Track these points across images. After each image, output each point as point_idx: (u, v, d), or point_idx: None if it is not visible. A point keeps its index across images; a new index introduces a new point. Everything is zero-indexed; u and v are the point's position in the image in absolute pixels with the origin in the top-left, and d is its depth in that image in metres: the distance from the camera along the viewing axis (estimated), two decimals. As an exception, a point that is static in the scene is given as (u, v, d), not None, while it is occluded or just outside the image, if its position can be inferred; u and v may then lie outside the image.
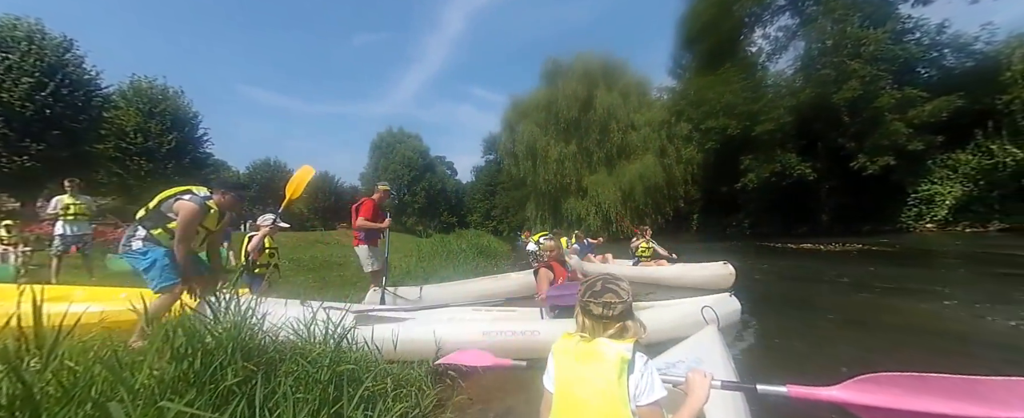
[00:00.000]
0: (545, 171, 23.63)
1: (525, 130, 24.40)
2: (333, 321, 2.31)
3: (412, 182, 42.25)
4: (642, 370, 1.12)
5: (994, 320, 3.67)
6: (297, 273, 7.16)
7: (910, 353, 3.05)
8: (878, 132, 15.44)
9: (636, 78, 24.75)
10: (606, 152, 23.01)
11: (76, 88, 16.02)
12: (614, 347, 1.13)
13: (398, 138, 43.67)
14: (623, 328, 1.17)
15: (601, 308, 1.18)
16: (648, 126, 22.56)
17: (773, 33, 20.33)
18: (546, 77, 24.96)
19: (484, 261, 9.46)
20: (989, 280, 5.64)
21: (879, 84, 15.47)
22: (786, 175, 17.77)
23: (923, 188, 15.25)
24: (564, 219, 23.59)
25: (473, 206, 45.04)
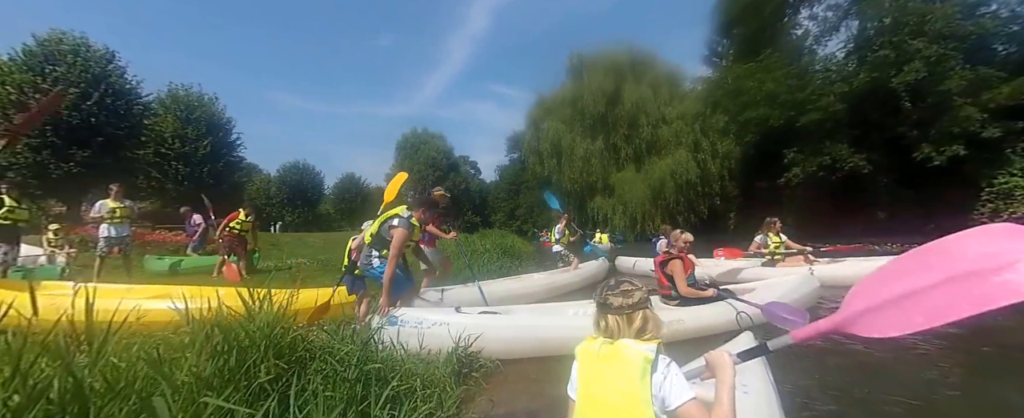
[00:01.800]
0: (570, 169, 22.98)
1: (550, 127, 23.82)
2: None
3: (437, 182, 42.55)
4: (664, 371, 1.12)
5: None
6: (324, 274, 6.98)
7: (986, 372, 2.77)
8: (946, 118, 13.84)
9: (666, 69, 23.64)
10: (634, 148, 22.08)
11: (118, 97, 16.81)
12: (637, 348, 1.15)
13: (422, 138, 44.00)
14: (644, 319, 1.21)
15: (620, 298, 1.23)
16: (680, 120, 21.42)
17: (822, 13, 18.66)
18: (571, 72, 24.25)
19: (509, 261, 9.24)
20: None
21: (947, 64, 13.82)
22: (836, 168, 16.29)
23: (1000, 180, 13.57)
24: (590, 219, 22.83)
25: (497, 206, 44.74)
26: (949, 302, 1.02)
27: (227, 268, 6.57)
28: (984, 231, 1.10)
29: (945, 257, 1.10)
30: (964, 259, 1.06)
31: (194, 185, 19.16)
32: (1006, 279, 0.95)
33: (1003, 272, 0.96)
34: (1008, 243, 1.01)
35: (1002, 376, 2.75)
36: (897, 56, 14.39)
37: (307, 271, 7.14)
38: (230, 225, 6.85)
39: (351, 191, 41.63)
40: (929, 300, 1.06)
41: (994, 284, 0.97)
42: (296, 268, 7.34)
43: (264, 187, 38.87)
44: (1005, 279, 0.95)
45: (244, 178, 28.00)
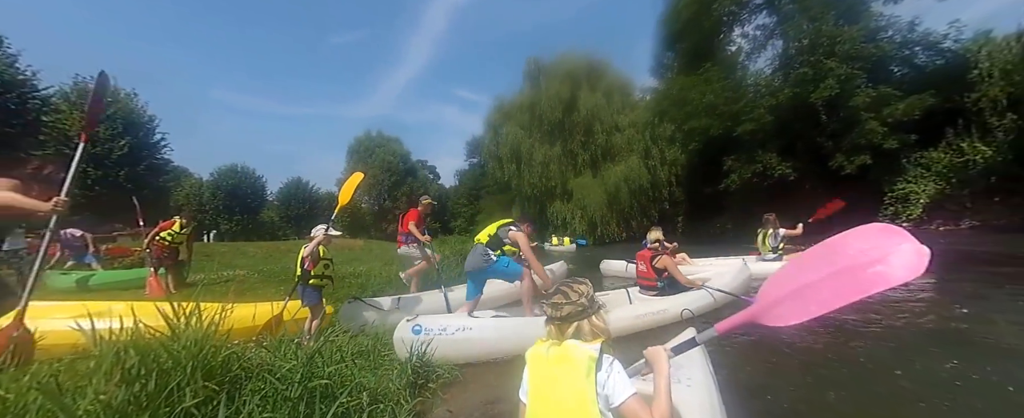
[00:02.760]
0: (530, 174, 23.28)
1: (509, 132, 24.02)
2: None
3: (393, 187, 41.23)
4: (608, 369, 1.17)
5: (971, 313, 3.77)
6: (266, 286, 6.48)
7: (909, 354, 3.02)
8: (855, 131, 15.64)
9: (619, 78, 24.73)
10: (591, 154, 22.84)
11: (7, 89, 14.62)
12: (582, 348, 1.20)
13: (377, 141, 42.66)
14: (578, 329, 1.25)
15: (550, 309, 1.28)
16: (632, 127, 22.49)
17: (751, 32, 20.51)
18: (529, 78, 24.67)
19: None
20: (968, 278, 5.69)
21: (855, 83, 15.66)
22: (767, 176, 17.86)
23: (898, 187, 15.53)
24: (550, 223, 23.22)
25: (457, 211, 44.27)
26: (836, 292, 1.20)
27: (150, 282, 5.90)
28: (862, 230, 1.28)
29: (832, 254, 1.29)
30: (846, 255, 1.24)
31: (109, 190, 17.07)
32: (878, 270, 1.15)
33: (876, 265, 1.16)
34: (879, 240, 1.20)
35: (925, 356, 3.04)
36: (814, 74, 16.07)
37: (247, 283, 6.61)
38: (161, 235, 6.19)
39: (298, 197, 38.94)
40: (821, 291, 1.23)
41: (869, 274, 1.16)
42: (233, 280, 6.77)
43: (195, 192, 35.42)
44: (877, 270, 1.15)
45: (171, 182, 25.38)
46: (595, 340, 1.24)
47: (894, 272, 1.12)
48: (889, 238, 1.18)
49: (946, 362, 2.85)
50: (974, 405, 2.27)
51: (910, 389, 2.51)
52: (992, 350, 3.07)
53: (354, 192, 4.70)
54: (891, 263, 1.13)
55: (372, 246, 18.34)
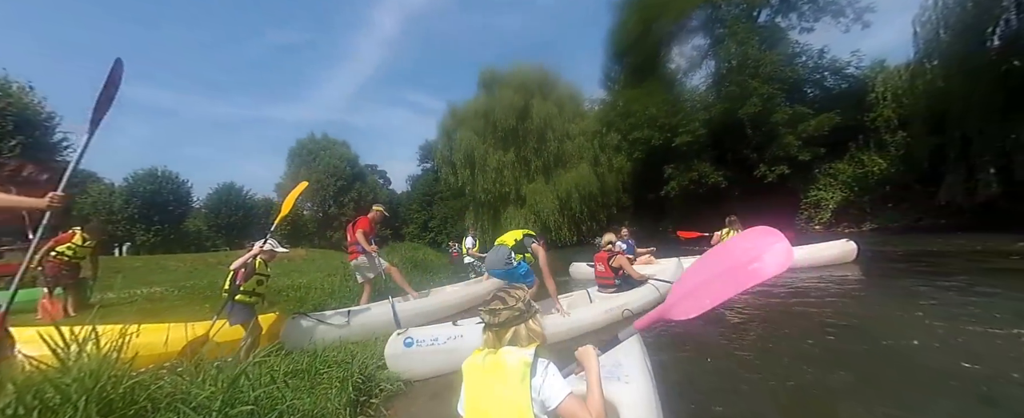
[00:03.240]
0: (484, 180, 23.28)
1: (463, 138, 23.90)
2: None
3: (339, 193, 39.14)
4: (542, 374, 1.17)
5: (877, 303, 4.15)
6: (190, 304, 5.88)
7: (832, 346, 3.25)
8: (775, 144, 17.41)
9: (570, 89, 25.51)
10: (543, 161, 23.31)
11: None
12: (516, 354, 1.20)
13: (322, 145, 40.33)
14: (516, 334, 1.25)
15: (488, 315, 1.28)
16: (582, 136, 23.28)
17: (688, 52, 22.21)
18: (484, 85, 24.80)
19: (420, 276, 8.86)
20: (877, 273, 6.43)
21: (775, 101, 17.47)
22: (703, 183, 19.30)
23: (812, 194, 17.43)
24: (504, 228, 23.26)
25: (409, 217, 43.02)
26: (724, 286, 1.37)
27: (43, 304, 5.12)
28: (746, 233, 1.48)
29: (722, 254, 1.50)
30: (732, 255, 1.44)
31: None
32: (755, 267, 1.33)
33: (753, 261, 1.34)
34: (757, 240, 1.40)
35: (846, 351, 3.25)
36: (741, 92, 17.70)
37: (164, 301, 5.97)
38: (57, 249, 5.34)
39: (230, 204, 35.37)
40: (713, 286, 1.40)
41: (750, 270, 1.34)
42: (148, 298, 6.08)
43: (104, 200, 31.09)
44: (755, 267, 1.33)
45: (74, 189, 22.35)
46: (530, 345, 1.24)
47: (767, 267, 1.31)
48: (765, 238, 1.38)
49: (861, 345, 3.24)
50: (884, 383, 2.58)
51: (836, 375, 2.77)
52: (901, 335, 3.41)
53: (295, 201, 4.49)
54: (765, 260, 1.32)
55: (315, 256, 17.29)
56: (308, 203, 38.93)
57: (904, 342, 3.21)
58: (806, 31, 18.89)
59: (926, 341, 3.16)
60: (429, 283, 7.86)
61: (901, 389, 2.51)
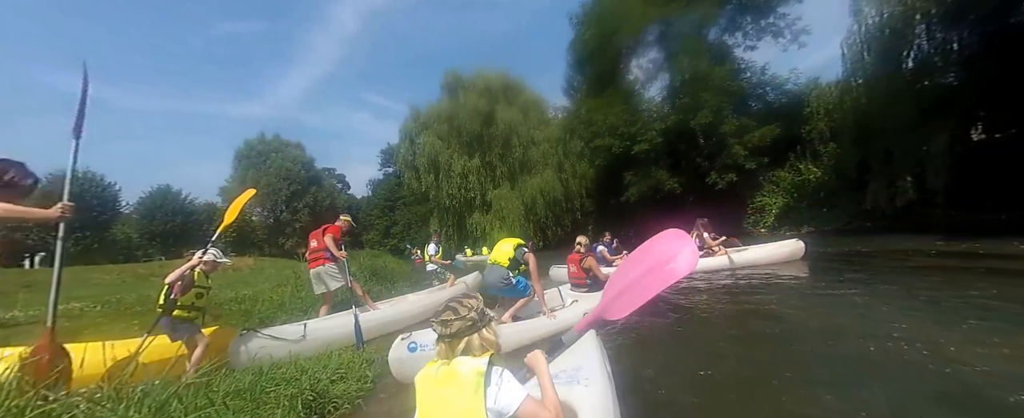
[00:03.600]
0: (449, 185, 23.03)
1: (426, 142, 23.56)
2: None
3: (292, 197, 37.10)
4: (498, 382, 1.17)
5: (822, 302, 4.41)
6: (115, 320, 5.29)
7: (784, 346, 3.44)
8: (724, 153, 18.52)
9: (534, 96, 25.90)
10: (509, 167, 23.43)
11: None
12: (470, 364, 1.19)
13: (273, 146, 38.16)
14: (469, 344, 1.25)
15: (440, 326, 1.27)
16: (547, 142, 23.65)
17: (645, 64, 23.21)
18: (447, 89, 24.62)
19: (381, 285, 8.52)
20: (819, 270, 6.94)
21: (724, 113, 18.61)
22: (660, 189, 20.14)
23: (757, 200, 18.66)
24: (469, 234, 23.11)
25: (370, 223, 41.62)
26: (645, 286, 1.46)
27: None
28: (661, 235, 1.60)
29: (642, 257, 1.60)
30: (651, 256, 1.55)
31: None
32: (671, 267, 1.45)
33: (669, 262, 1.46)
34: (672, 242, 1.52)
35: (796, 345, 3.42)
36: (694, 103, 18.72)
37: (84, 318, 5.33)
38: None
39: (166, 209, 32.25)
40: (637, 287, 1.49)
41: (666, 271, 1.45)
42: (65, 316, 5.39)
43: (12, 204, 27.56)
44: (670, 267, 1.45)
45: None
46: (484, 354, 1.23)
47: (681, 268, 1.43)
48: (677, 241, 1.51)
49: (808, 339, 3.43)
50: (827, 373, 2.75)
51: (787, 369, 2.90)
52: (842, 328, 3.68)
53: (241, 209, 4.22)
54: (679, 261, 1.44)
55: (264, 265, 16.19)
56: (258, 208, 36.48)
57: (844, 334, 3.47)
58: (750, 49, 20.41)
59: (864, 333, 3.41)
60: (390, 292, 7.64)
61: (843, 378, 2.68)
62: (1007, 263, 5.70)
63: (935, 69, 11.17)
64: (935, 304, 4.03)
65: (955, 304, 3.93)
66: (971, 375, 2.50)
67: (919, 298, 4.31)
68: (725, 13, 20.08)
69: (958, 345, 2.93)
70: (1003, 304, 3.77)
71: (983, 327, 3.25)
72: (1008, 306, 3.71)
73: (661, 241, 1.57)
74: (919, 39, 11.25)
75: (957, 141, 11.17)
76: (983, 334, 3.09)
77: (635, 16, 20.26)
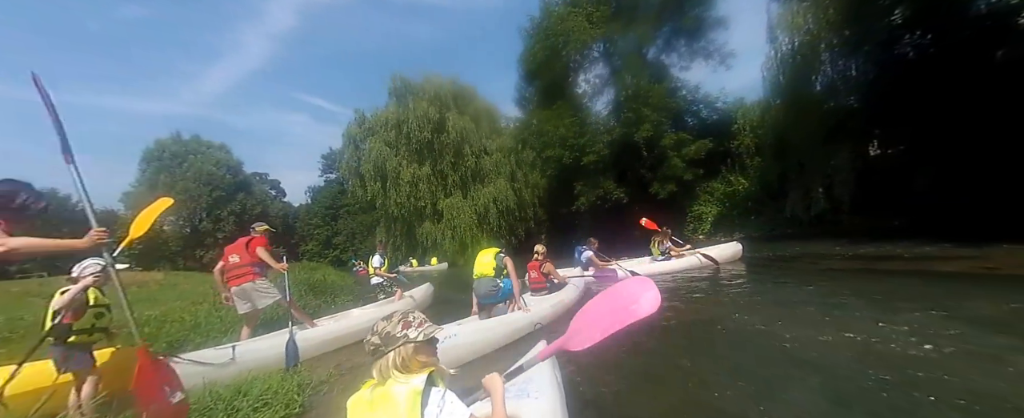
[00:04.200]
0: (397, 193, 22.20)
1: (373, 148, 22.61)
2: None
3: (216, 204, 33.58)
4: (438, 402, 1.11)
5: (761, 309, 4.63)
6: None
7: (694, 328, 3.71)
8: (665, 165, 19.71)
9: (485, 105, 25.92)
10: (461, 175, 23.12)
11: None
12: (405, 384, 1.12)
13: (192, 147, 34.39)
14: (405, 362, 1.17)
15: (372, 346, 1.21)
16: (499, 152, 23.71)
17: (592, 79, 24.23)
18: (395, 94, 23.89)
19: (318, 300, 7.90)
20: (755, 271, 7.56)
21: (663, 128, 19.87)
22: (608, 199, 20.94)
23: (695, 209, 20.02)
24: (419, 244, 22.35)
25: (309, 233, 38.88)
26: (610, 323, 1.66)
27: None
28: (628, 282, 1.81)
29: (610, 296, 1.78)
30: (618, 297, 1.74)
31: None
32: (634, 308, 1.64)
33: (632, 304, 1.66)
34: (636, 288, 1.71)
35: (741, 354, 3.57)
36: (636, 118, 19.78)
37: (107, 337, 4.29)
38: None
39: (52, 217, 27.74)
40: (601, 324, 1.68)
41: (629, 310, 1.64)
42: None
43: None
44: (633, 308, 1.64)
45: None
46: (423, 371, 1.16)
47: (642, 309, 1.62)
48: (642, 287, 1.70)
49: (748, 343, 3.59)
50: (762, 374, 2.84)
51: (731, 375, 2.98)
52: (777, 329, 3.93)
53: (154, 221, 3.54)
54: (641, 303, 1.64)
55: (177, 280, 14.23)
56: (171, 217, 32.50)
57: (779, 335, 3.66)
58: (684, 69, 22.10)
59: (796, 337, 3.60)
60: (330, 308, 7.15)
61: (781, 378, 2.79)
62: (899, 264, 6.53)
63: (838, 92, 12.78)
64: (842, 305, 4.42)
65: (859, 302, 4.39)
66: (884, 367, 2.74)
67: (835, 298, 4.79)
68: (662, 35, 21.63)
69: (864, 339, 3.27)
70: (898, 301, 4.24)
71: (886, 321, 3.63)
72: (902, 304, 4.13)
73: (629, 285, 1.73)
74: (825, 65, 12.82)
75: (857, 156, 12.80)
76: (888, 328, 3.45)
77: (580, 33, 21.19)
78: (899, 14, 9.76)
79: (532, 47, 23.57)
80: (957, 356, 2.73)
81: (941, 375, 2.49)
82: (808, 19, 12.68)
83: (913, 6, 9.28)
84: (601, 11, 21.45)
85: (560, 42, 21.52)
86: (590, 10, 21.51)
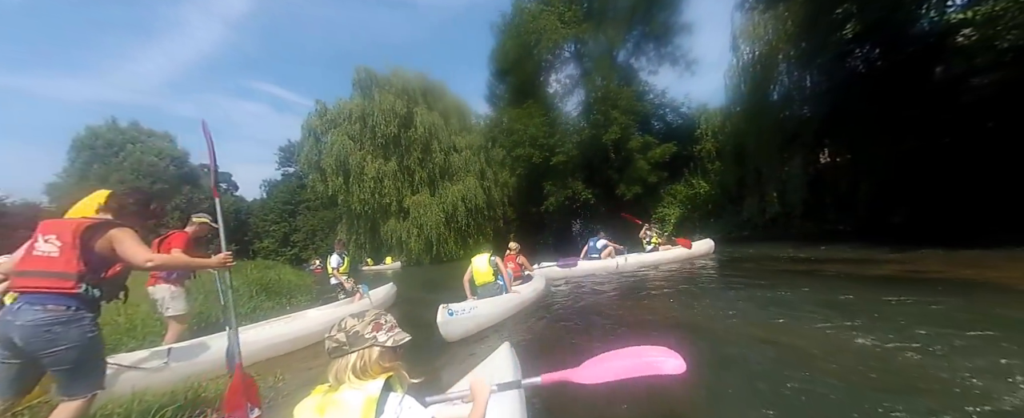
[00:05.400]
0: (360, 190, 21.30)
1: (335, 142, 21.58)
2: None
3: (159, 196, 30.86)
4: (395, 411, 1.04)
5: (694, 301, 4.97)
6: None
7: None
8: (631, 167, 20.14)
9: (455, 101, 25.41)
10: (429, 172, 22.52)
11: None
12: (360, 390, 1.05)
13: (130, 136, 31.47)
14: (360, 366, 1.09)
15: (331, 343, 1.13)
16: (468, 149, 23.30)
17: (563, 79, 24.37)
18: (360, 86, 22.88)
19: (271, 301, 7.38)
20: (724, 267, 7.84)
21: (630, 131, 20.30)
22: (576, 199, 21.14)
23: (659, 210, 20.60)
24: (384, 242, 21.57)
25: (265, 229, 36.66)
26: (624, 369, 1.73)
27: None
28: (660, 348, 1.84)
29: (638, 353, 1.82)
30: (645, 353, 1.79)
31: None
32: (655, 363, 1.72)
33: (657, 363, 1.71)
34: (666, 353, 1.75)
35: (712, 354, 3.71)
36: (605, 120, 20.09)
37: None
38: None
39: None
40: (616, 367, 1.75)
41: (648, 364, 1.72)
42: None
43: None
44: (655, 363, 1.72)
45: None
46: (381, 375, 1.08)
47: (664, 369, 1.69)
48: (670, 355, 1.75)
49: (712, 341, 3.63)
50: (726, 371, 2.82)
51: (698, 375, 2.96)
52: (735, 330, 4.06)
53: None
54: (664, 365, 1.70)
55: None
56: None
57: (726, 327, 4.00)
58: (652, 73, 22.72)
59: (744, 330, 3.84)
60: (285, 308, 6.71)
61: (742, 374, 2.92)
62: (840, 266, 7.00)
63: (793, 102, 13.53)
64: (785, 302, 4.82)
65: (800, 299, 4.85)
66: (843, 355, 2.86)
67: (779, 295, 5.23)
68: (631, 38, 22.09)
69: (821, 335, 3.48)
70: (836, 298, 4.66)
71: (833, 317, 3.87)
72: (839, 302, 4.52)
73: (660, 351, 1.79)
74: (782, 75, 13.53)
75: (809, 163, 13.61)
76: (825, 325, 3.78)
77: (552, 32, 21.23)
78: (850, 28, 10.42)
79: (504, 44, 23.37)
80: (884, 350, 3.02)
81: (867, 367, 2.76)
82: (768, 30, 13.32)
83: (863, 21, 9.93)
84: (573, 11, 21.59)
85: (532, 40, 21.46)
86: (562, 9, 21.59)
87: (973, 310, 3.78)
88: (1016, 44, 7.12)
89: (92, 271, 1.87)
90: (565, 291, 7.58)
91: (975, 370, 2.55)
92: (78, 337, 1.79)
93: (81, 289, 1.82)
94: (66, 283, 1.79)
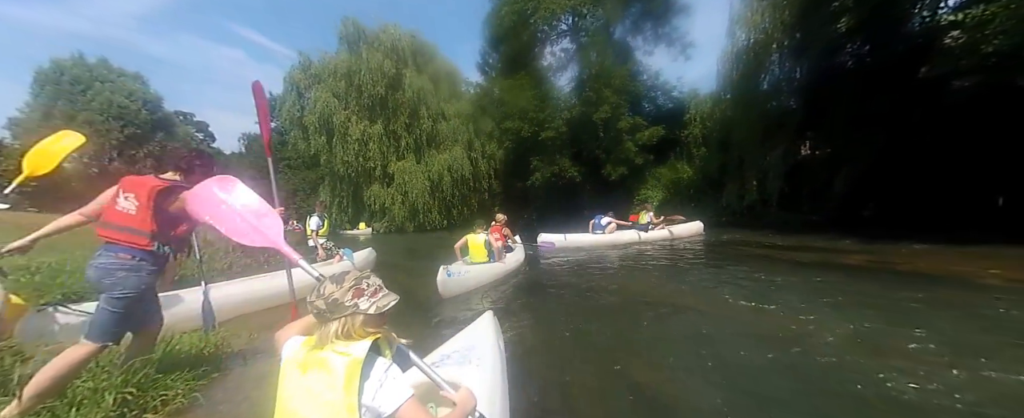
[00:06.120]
0: (344, 151, 20.79)
1: (319, 98, 20.78)
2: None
3: (128, 143, 29.23)
4: (380, 376, 1.03)
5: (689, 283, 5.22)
6: None
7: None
8: (619, 148, 20.21)
9: (446, 66, 24.61)
10: (415, 138, 22.03)
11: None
12: (344, 352, 1.02)
13: (98, 74, 29.18)
14: (348, 326, 1.07)
15: (314, 310, 1.12)
16: (457, 117, 22.81)
17: (558, 52, 23.83)
18: (346, 41, 21.78)
19: (247, 258, 7.32)
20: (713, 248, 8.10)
21: (621, 111, 20.20)
22: (562, 176, 21.20)
23: (643, 192, 20.90)
24: (366, 207, 21.34)
25: (242, 186, 35.46)
26: None
27: None
28: None
29: None
30: None
31: None
32: None
33: None
34: None
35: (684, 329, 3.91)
36: (597, 98, 19.89)
37: None
38: None
39: None
40: None
41: None
42: None
43: None
44: None
45: None
46: (367, 338, 1.06)
47: None
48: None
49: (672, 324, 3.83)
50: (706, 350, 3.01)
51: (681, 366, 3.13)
52: (714, 308, 4.29)
53: (63, 160, 3.18)
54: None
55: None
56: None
57: (692, 308, 4.16)
58: (648, 54, 22.46)
59: (711, 310, 4.09)
60: (263, 267, 6.65)
61: (715, 353, 3.08)
62: (810, 255, 7.39)
63: (781, 93, 13.69)
64: (755, 287, 5.10)
65: (769, 284, 5.14)
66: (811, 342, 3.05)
67: (762, 271, 5.62)
68: (630, 15, 21.60)
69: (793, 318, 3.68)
70: (805, 285, 5.02)
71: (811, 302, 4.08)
72: (806, 289, 4.85)
73: None
74: (773, 66, 13.60)
75: (790, 155, 13.94)
76: (790, 310, 4.04)
77: (550, 2, 20.54)
78: (845, 22, 10.47)
79: (499, 9, 22.50)
80: (849, 338, 3.24)
81: (832, 354, 2.96)
82: (765, 17, 13.23)
83: (857, 16, 9.98)
84: (573, -19, 20.89)
85: (529, 8, 20.73)
86: (562, -22, 20.86)
87: (931, 300, 4.13)
88: (1000, 49, 7.32)
89: (163, 230, 2.07)
90: (558, 262, 8.14)
91: (920, 351, 2.85)
92: (135, 285, 1.99)
93: (154, 246, 2.03)
94: (141, 240, 2.01)
